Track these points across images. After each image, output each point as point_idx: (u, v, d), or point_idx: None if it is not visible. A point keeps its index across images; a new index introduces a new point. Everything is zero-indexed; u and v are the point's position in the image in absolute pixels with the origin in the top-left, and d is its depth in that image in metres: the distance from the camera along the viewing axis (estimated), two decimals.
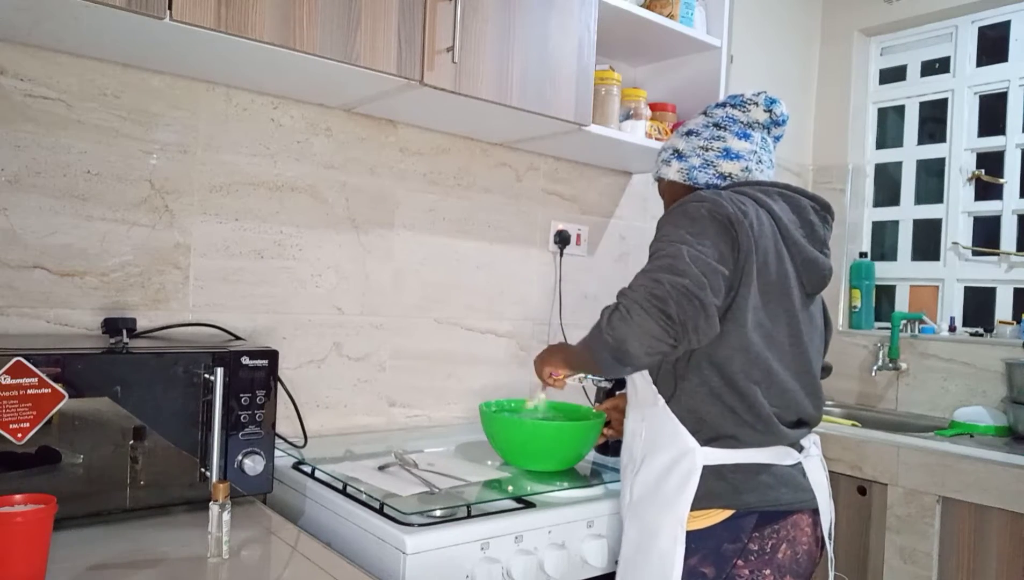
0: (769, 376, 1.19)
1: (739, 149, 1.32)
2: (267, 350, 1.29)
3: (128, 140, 1.47)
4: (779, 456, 1.22)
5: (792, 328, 1.24)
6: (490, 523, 1.22)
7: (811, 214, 1.31)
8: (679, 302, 1.06)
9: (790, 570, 1.18)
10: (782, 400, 1.22)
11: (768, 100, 1.34)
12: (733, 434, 1.18)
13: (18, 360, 1.06)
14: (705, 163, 1.32)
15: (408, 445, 1.69)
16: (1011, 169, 2.57)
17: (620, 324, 1.06)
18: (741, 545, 1.16)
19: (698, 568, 1.15)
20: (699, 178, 1.33)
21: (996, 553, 1.86)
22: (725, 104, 1.37)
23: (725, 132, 1.33)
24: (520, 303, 2.13)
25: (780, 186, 1.32)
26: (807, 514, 1.22)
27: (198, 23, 1.20)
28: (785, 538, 1.18)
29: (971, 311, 2.66)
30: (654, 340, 1.05)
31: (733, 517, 1.16)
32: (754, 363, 1.18)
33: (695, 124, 1.37)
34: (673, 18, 1.99)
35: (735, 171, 1.31)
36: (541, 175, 2.17)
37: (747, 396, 1.17)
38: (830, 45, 2.99)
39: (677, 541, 1.14)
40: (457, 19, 1.47)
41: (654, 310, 1.05)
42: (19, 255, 1.36)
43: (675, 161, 1.36)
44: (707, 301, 1.07)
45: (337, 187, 1.76)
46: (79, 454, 1.11)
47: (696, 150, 1.33)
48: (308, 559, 1.07)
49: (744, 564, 1.15)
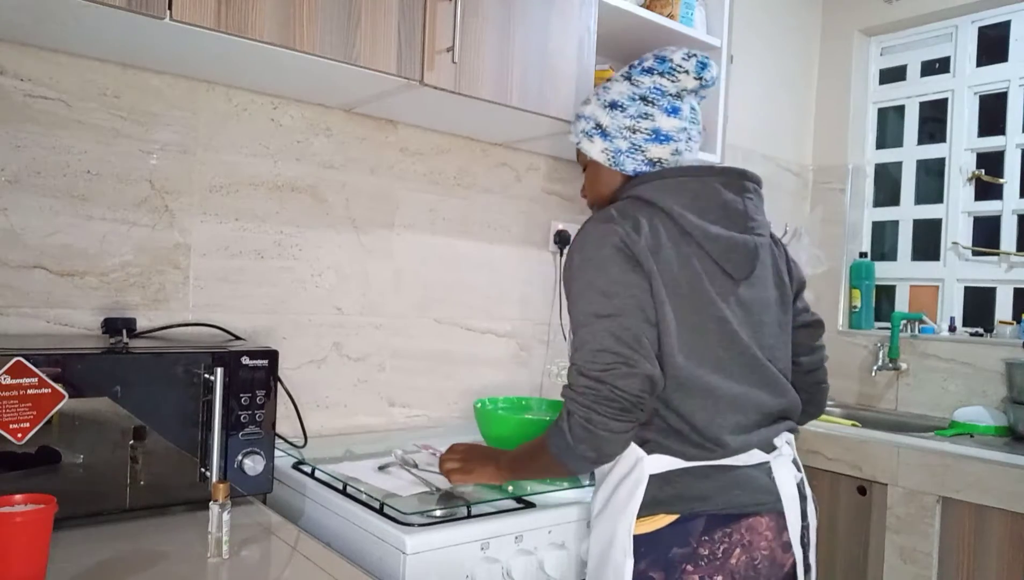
0: (709, 393, 1.15)
1: (669, 129, 1.25)
2: (267, 350, 1.29)
3: (128, 140, 1.47)
4: (738, 458, 1.17)
5: (723, 332, 1.17)
6: (490, 523, 1.22)
7: (723, 193, 1.21)
8: (626, 388, 1.07)
9: (745, 576, 1.12)
10: (733, 409, 1.16)
11: (699, 65, 1.25)
12: (680, 451, 1.15)
13: (18, 360, 1.06)
14: (633, 147, 1.25)
15: (408, 445, 1.69)
16: (1011, 169, 2.57)
17: (588, 436, 1.08)
18: (690, 550, 1.11)
19: (647, 573, 1.12)
20: (626, 165, 1.26)
21: (996, 553, 1.86)
22: (652, 71, 1.26)
23: (653, 108, 1.25)
24: (520, 303, 2.13)
25: (684, 173, 1.22)
26: (768, 517, 1.15)
27: (198, 23, 1.20)
28: (739, 542, 1.12)
29: (971, 311, 2.66)
30: (624, 432, 1.09)
31: (679, 521, 1.12)
32: (692, 389, 1.14)
33: (619, 94, 1.27)
34: (673, 18, 1.99)
35: (665, 155, 1.25)
36: (541, 175, 2.17)
37: (693, 421, 1.14)
38: (830, 45, 2.99)
39: (627, 551, 1.12)
40: (457, 19, 1.47)
41: (610, 410, 1.07)
42: (19, 255, 1.37)
43: (598, 138, 1.28)
44: (647, 371, 1.09)
45: (337, 187, 1.76)
46: (79, 454, 1.11)
47: (622, 131, 1.25)
48: (308, 559, 1.07)
49: (694, 570, 1.10)
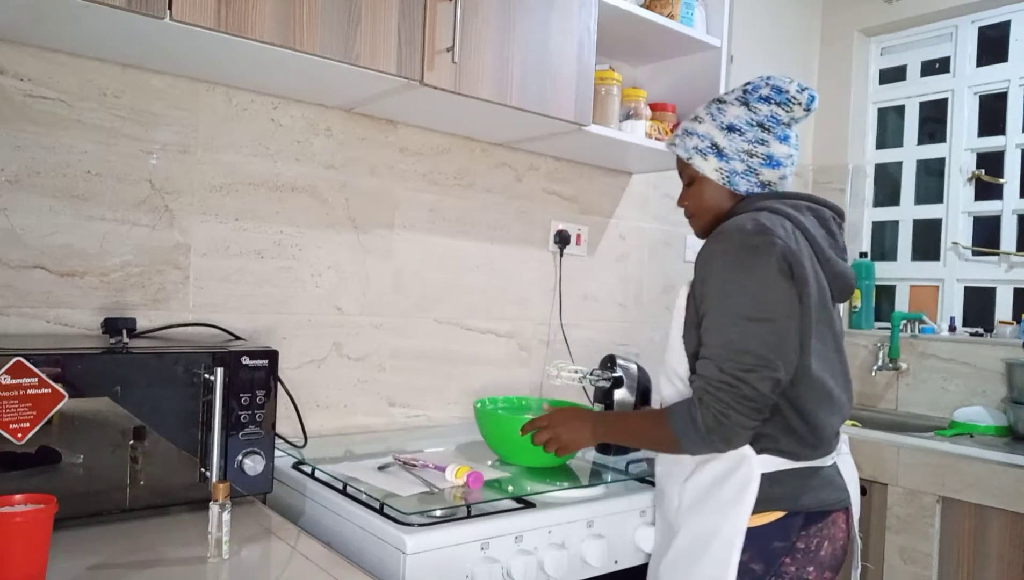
0: (828, 397, 1.24)
1: (780, 156, 1.30)
2: (267, 350, 1.29)
3: (128, 140, 1.47)
4: (825, 459, 1.28)
5: (836, 342, 1.29)
6: (490, 523, 1.22)
7: (832, 224, 1.32)
8: (762, 389, 1.15)
9: (829, 565, 1.24)
10: (837, 413, 1.27)
11: (810, 98, 1.30)
12: (791, 451, 1.22)
13: (18, 360, 1.06)
14: (748, 170, 1.29)
15: (408, 445, 1.69)
16: (1011, 169, 2.57)
17: (720, 428, 1.16)
18: (789, 544, 1.21)
19: (748, 565, 1.20)
20: (740, 185, 1.30)
21: (996, 553, 1.86)
22: (770, 100, 1.30)
23: (769, 134, 1.29)
24: (520, 303, 2.13)
25: (804, 198, 1.31)
26: (843, 511, 1.27)
27: (198, 23, 1.20)
28: (827, 536, 1.24)
29: (971, 311, 2.66)
30: (753, 429, 1.18)
31: (785, 518, 1.21)
32: (818, 392, 1.22)
33: (737, 118, 1.30)
34: (673, 18, 1.99)
35: (774, 179, 1.31)
36: (541, 175, 2.17)
37: (813, 421, 1.22)
38: (830, 45, 2.99)
39: (734, 546, 1.18)
40: (457, 19, 1.47)
41: (746, 408, 1.15)
42: (19, 255, 1.36)
43: (713, 157, 1.30)
44: (781, 375, 1.16)
45: (337, 187, 1.76)
46: (79, 454, 1.11)
47: (739, 154, 1.29)
48: (308, 559, 1.07)
49: (791, 562, 1.21)
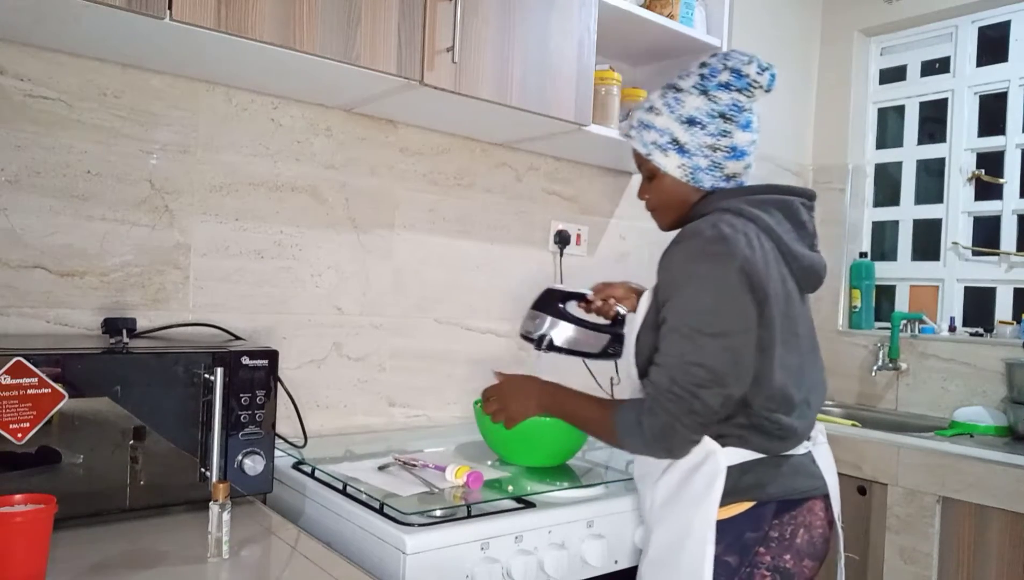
0: (789, 403, 1.23)
1: (744, 144, 1.26)
2: (267, 350, 1.29)
3: (128, 140, 1.47)
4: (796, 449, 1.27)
5: (810, 341, 1.28)
6: (490, 523, 1.22)
7: (801, 213, 1.28)
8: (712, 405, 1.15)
9: (807, 553, 1.23)
10: (803, 415, 1.26)
11: (771, 79, 1.27)
12: (758, 445, 1.22)
13: (18, 360, 1.06)
14: (712, 165, 1.25)
15: (408, 445, 1.69)
16: (1011, 169, 2.57)
17: (665, 439, 1.17)
18: (762, 533, 1.20)
19: (722, 558, 1.19)
20: (704, 181, 1.26)
21: (996, 553, 1.85)
22: (730, 86, 1.25)
23: (731, 124, 1.25)
24: (520, 303, 2.12)
25: (770, 190, 1.26)
26: (819, 499, 1.27)
27: (198, 23, 1.20)
28: (802, 523, 1.23)
29: (971, 311, 2.66)
30: (697, 442, 1.19)
31: (755, 507, 1.21)
32: (778, 400, 1.21)
33: (697, 110, 1.24)
34: (673, 18, 1.99)
35: (739, 170, 1.27)
36: (541, 175, 2.17)
37: (780, 422, 1.21)
38: (830, 45, 2.99)
39: (707, 540, 1.18)
40: (457, 19, 1.47)
41: (693, 423, 1.15)
42: (19, 255, 1.36)
43: (674, 153, 1.25)
44: (733, 392, 1.16)
45: (337, 187, 1.76)
46: (79, 454, 1.11)
47: (702, 149, 1.24)
48: (308, 559, 1.07)
49: (766, 551, 1.20)
